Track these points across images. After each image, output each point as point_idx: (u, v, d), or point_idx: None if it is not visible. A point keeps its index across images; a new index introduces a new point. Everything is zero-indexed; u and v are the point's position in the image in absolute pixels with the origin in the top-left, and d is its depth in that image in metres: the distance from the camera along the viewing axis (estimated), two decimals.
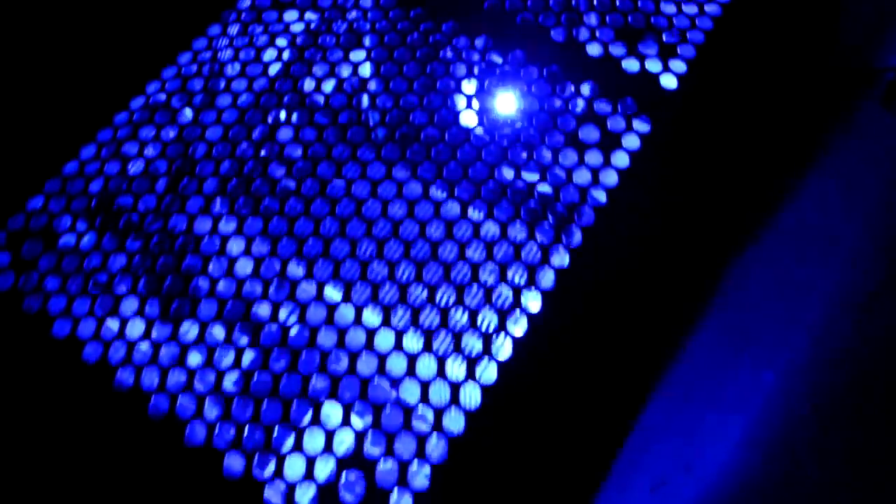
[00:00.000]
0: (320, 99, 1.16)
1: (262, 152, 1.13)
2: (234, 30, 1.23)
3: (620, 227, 1.03)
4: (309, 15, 1.25)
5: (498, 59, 1.15)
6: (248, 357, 0.97)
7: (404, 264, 1.00)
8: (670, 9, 1.19)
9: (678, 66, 1.13)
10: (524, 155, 1.07)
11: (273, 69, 1.20)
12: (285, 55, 1.20)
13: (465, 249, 1.01)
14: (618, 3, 1.19)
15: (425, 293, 0.98)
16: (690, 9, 1.18)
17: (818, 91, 1.18)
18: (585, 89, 1.11)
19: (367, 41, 1.20)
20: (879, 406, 0.90)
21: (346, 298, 0.99)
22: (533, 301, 0.98)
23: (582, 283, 0.99)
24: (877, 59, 1.19)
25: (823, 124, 1.16)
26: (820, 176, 1.12)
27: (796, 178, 1.12)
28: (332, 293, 1.00)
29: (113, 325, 1.00)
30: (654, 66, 1.13)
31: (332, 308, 0.99)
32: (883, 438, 0.90)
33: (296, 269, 1.02)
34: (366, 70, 1.18)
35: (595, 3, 1.19)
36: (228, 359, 0.97)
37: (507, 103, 1.12)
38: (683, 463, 0.96)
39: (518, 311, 0.97)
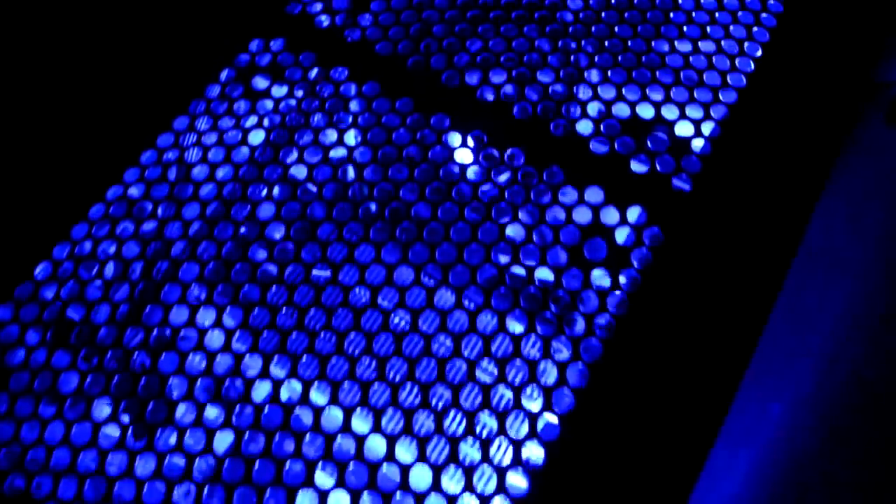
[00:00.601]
0: (302, 171, 1.09)
1: (242, 230, 1.05)
2: (202, 123, 1.15)
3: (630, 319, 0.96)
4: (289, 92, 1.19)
5: (494, 156, 1.08)
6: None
7: (396, 362, 0.94)
8: (682, 95, 1.11)
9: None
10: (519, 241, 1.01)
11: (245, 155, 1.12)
12: (260, 138, 1.14)
13: (460, 344, 0.94)
14: (624, 91, 1.13)
15: (419, 396, 0.92)
16: (704, 95, 1.12)
17: (823, 109, 1.11)
18: (590, 195, 1.04)
19: (350, 137, 1.13)
20: (891, 438, 0.83)
21: (334, 400, 0.92)
22: (533, 404, 0.91)
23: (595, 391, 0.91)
24: (879, 74, 1.15)
25: (828, 143, 1.10)
26: (823, 197, 1.06)
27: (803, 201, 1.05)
28: (318, 396, 0.93)
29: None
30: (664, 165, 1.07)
31: (318, 412, 0.91)
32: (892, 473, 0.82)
33: (279, 371, 0.95)
34: (350, 139, 1.11)
35: (599, 91, 1.13)
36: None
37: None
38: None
39: (521, 414, 0.90)
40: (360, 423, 0.91)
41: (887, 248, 0.99)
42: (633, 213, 1.03)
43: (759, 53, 1.15)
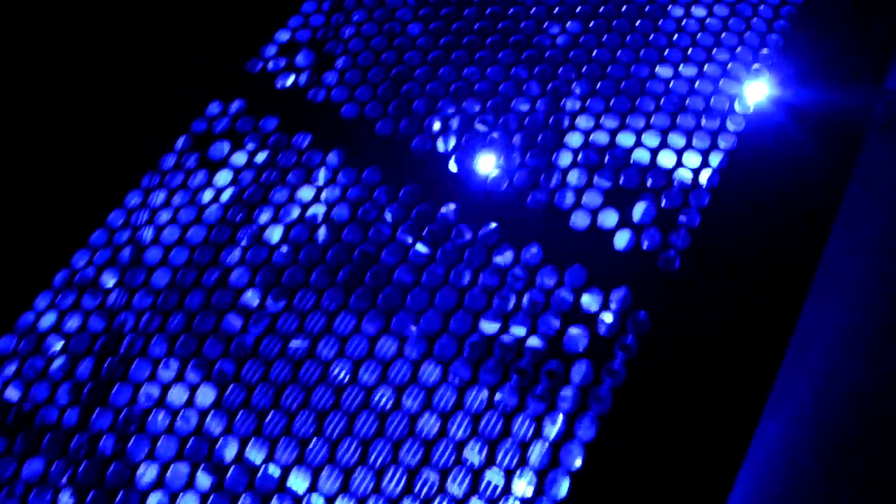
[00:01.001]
0: (276, 233, 1.02)
1: (214, 298, 0.98)
2: (156, 198, 1.07)
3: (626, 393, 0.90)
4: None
5: (467, 235, 1.01)
6: None
7: (379, 443, 0.89)
8: (669, 160, 1.04)
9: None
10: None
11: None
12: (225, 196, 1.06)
13: (447, 423, 0.89)
14: (607, 157, 1.05)
15: (403, 482, 0.86)
16: (693, 159, 1.05)
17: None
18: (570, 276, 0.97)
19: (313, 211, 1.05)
20: (890, 457, 0.80)
21: (313, 488, 0.87)
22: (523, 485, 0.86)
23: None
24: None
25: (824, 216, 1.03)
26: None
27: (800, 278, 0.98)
28: (298, 483, 0.88)
29: None
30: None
31: (298, 501, 0.86)
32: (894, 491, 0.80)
33: (255, 455, 0.89)
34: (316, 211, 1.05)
35: (580, 157, 1.05)
36: None
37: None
38: None
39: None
40: None
41: (883, 262, 0.96)
42: (618, 295, 0.95)
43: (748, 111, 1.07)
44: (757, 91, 1.10)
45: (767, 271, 0.97)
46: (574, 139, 1.06)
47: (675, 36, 1.14)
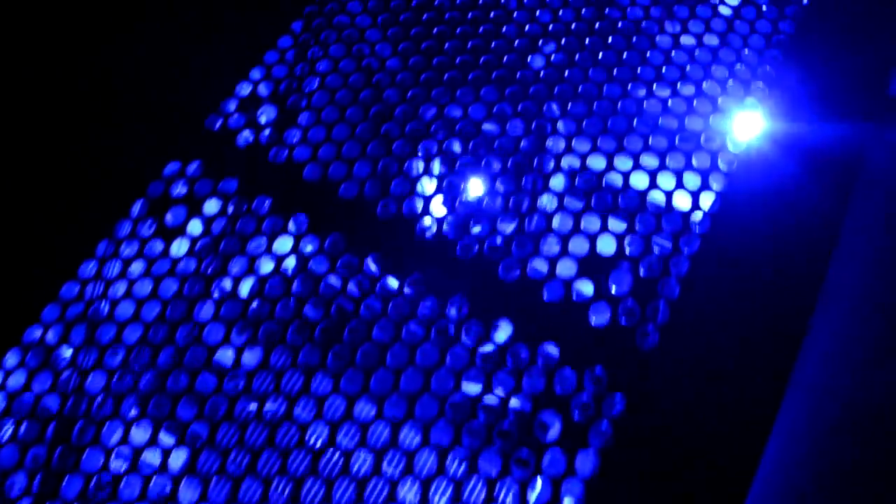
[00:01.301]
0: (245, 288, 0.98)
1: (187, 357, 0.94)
2: (111, 269, 1.02)
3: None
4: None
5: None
6: None
7: None
8: (647, 225, 0.98)
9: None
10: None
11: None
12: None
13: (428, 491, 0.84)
14: (582, 223, 0.99)
15: None
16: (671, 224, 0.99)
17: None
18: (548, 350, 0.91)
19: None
20: (888, 474, 0.77)
21: None
22: None
23: None
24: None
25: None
26: None
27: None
28: None
29: None
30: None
31: None
32: None
33: None
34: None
35: (554, 223, 0.99)
36: None
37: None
38: None
39: None
40: None
41: (881, 274, 0.92)
42: (593, 375, 0.90)
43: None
44: (747, 130, 1.04)
45: (751, 349, 0.91)
46: (547, 200, 1.00)
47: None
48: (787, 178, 1.02)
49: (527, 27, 1.15)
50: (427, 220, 1.00)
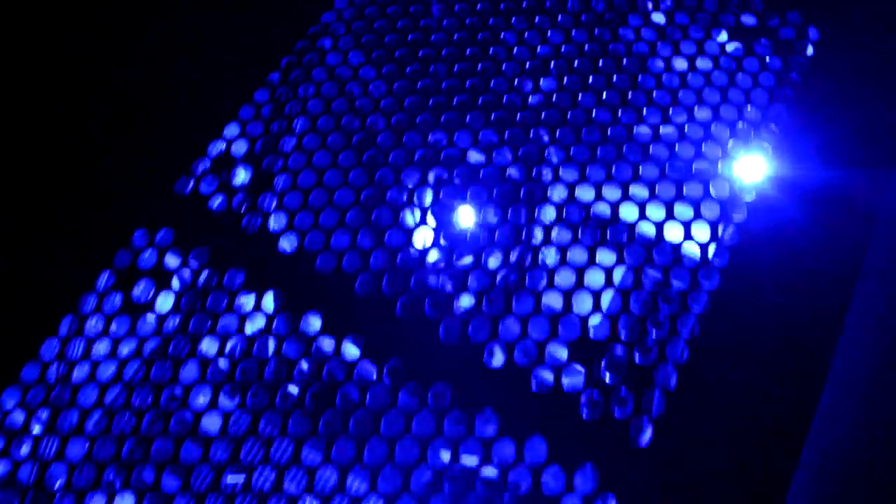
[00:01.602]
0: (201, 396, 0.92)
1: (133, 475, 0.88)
2: (75, 349, 0.97)
3: None
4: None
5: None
6: None
7: None
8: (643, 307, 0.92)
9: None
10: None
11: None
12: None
13: None
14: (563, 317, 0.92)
15: None
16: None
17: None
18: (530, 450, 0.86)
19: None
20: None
21: None
22: None
23: None
24: None
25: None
26: None
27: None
28: None
29: None
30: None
31: None
32: None
33: None
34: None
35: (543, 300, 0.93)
36: None
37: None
38: None
39: None
40: None
41: (880, 293, 0.91)
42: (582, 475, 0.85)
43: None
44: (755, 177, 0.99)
45: (753, 441, 0.86)
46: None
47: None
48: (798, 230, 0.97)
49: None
50: (403, 302, 0.94)
